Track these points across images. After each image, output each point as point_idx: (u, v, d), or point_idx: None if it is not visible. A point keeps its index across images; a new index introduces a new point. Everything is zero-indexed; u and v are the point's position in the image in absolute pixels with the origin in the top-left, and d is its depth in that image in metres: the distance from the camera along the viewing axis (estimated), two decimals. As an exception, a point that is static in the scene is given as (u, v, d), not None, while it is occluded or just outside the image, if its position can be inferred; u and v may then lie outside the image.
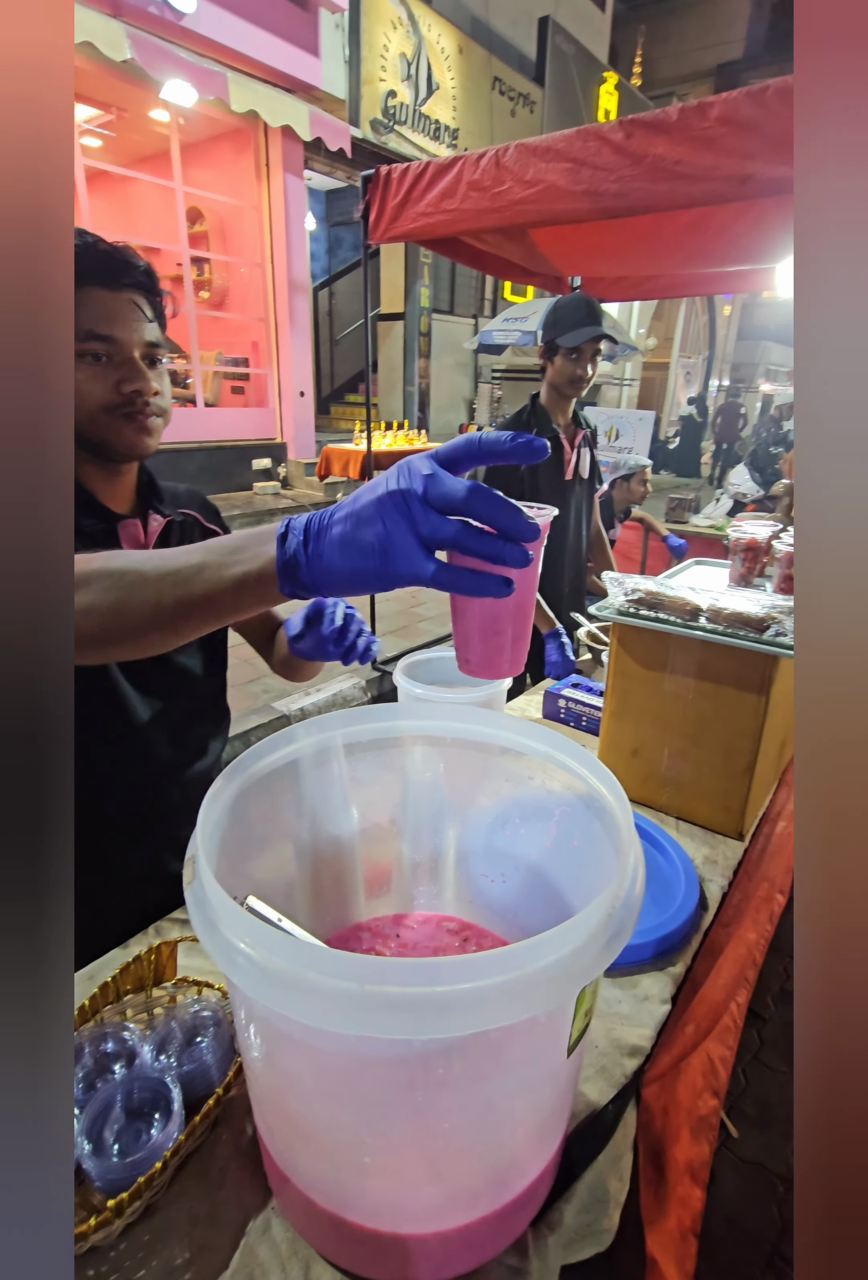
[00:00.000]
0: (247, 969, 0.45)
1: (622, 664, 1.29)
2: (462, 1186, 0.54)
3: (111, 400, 0.81)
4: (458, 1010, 0.42)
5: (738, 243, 2.80)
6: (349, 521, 0.44)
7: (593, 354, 1.95)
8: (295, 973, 0.43)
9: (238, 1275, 0.60)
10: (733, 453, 11.26)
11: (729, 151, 1.76)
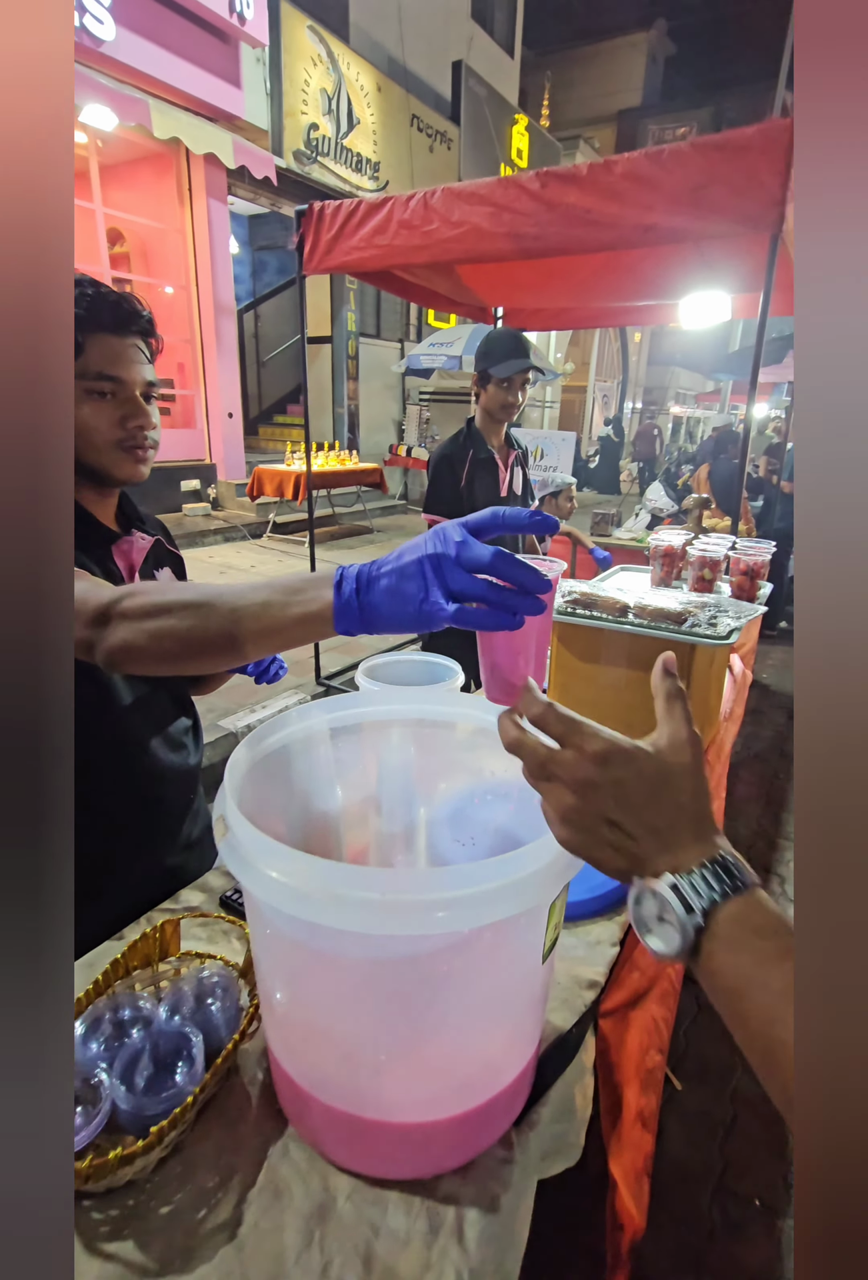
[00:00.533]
0: (283, 893, 0.55)
1: (562, 659, 1.44)
2: (461, 1076, 0.65)
3: (115, 434, 0.89)
4: (465, 907, 0.53)
5: (645, 281, 3.08)
6: (394, 576, 0.54)
7: (522, 383, 2.13)
8: (326, 890, 0.53)
9: (264, 1191, 0.68)
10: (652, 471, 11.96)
11: (633, 204, 1.99)
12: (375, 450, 9.39)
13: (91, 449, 0.89)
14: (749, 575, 1.61)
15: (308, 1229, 0.65)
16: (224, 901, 1.05)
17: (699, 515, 2.35)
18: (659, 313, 3.88)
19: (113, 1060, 0.71)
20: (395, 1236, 0.64)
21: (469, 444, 2.23)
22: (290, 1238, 0.64)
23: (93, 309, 0.85)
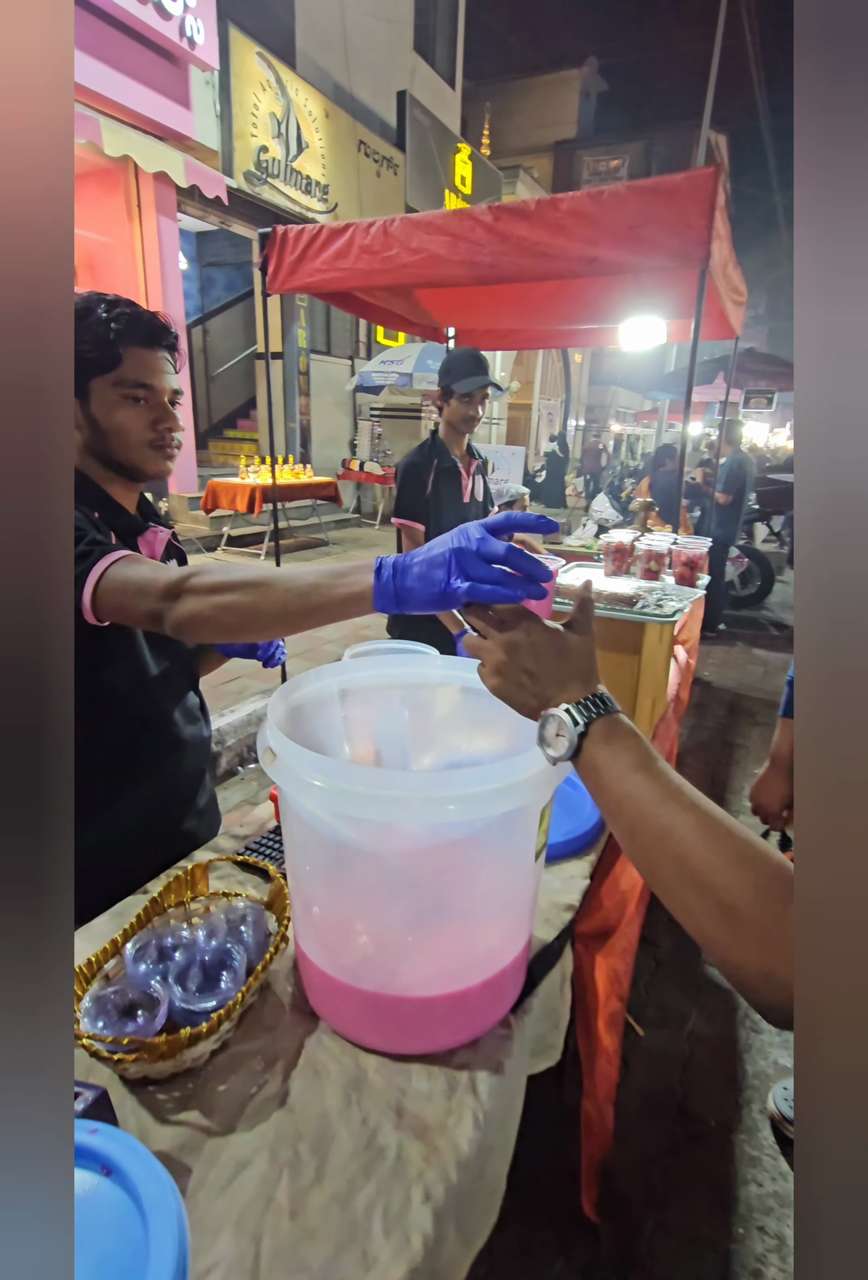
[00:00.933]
0: (330, 797, 0.67)
1: (528, 641, 1.60)
2: (472, 956, 0.79)
3: (148, 435, 1.01)
4: (497, 797, 0.67)
5: (588, 307, 3.33)
6: (425, 564, 0.66)
7: (482, 398, 2.30)
8: (365, 789, 0.67)
9: (305, 1071, 0.80)
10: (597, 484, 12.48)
11: (577, 238, 2.21)
12: (328, 464, 9.50)
13: (125, 448, 1.00)
14: (690, 566, 1.81)
15: (346, 1095, 0.77)
16: (236, 861, 1.15)
17: (645, 517, 2.61)
18: (601, 336, 4.16)
19: (165, 975, 0.82)
20: (420, 1094, 0.77)
21: (434, 454, 2.38)
22: (332, 1102, 0.76)
23: (130, 325, 0.97)
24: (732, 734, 4.06)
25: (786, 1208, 1.50)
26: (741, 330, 3.69)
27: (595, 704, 0.60)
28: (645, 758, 0.57)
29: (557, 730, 0.61)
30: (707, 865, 0.51)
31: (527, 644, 0.63)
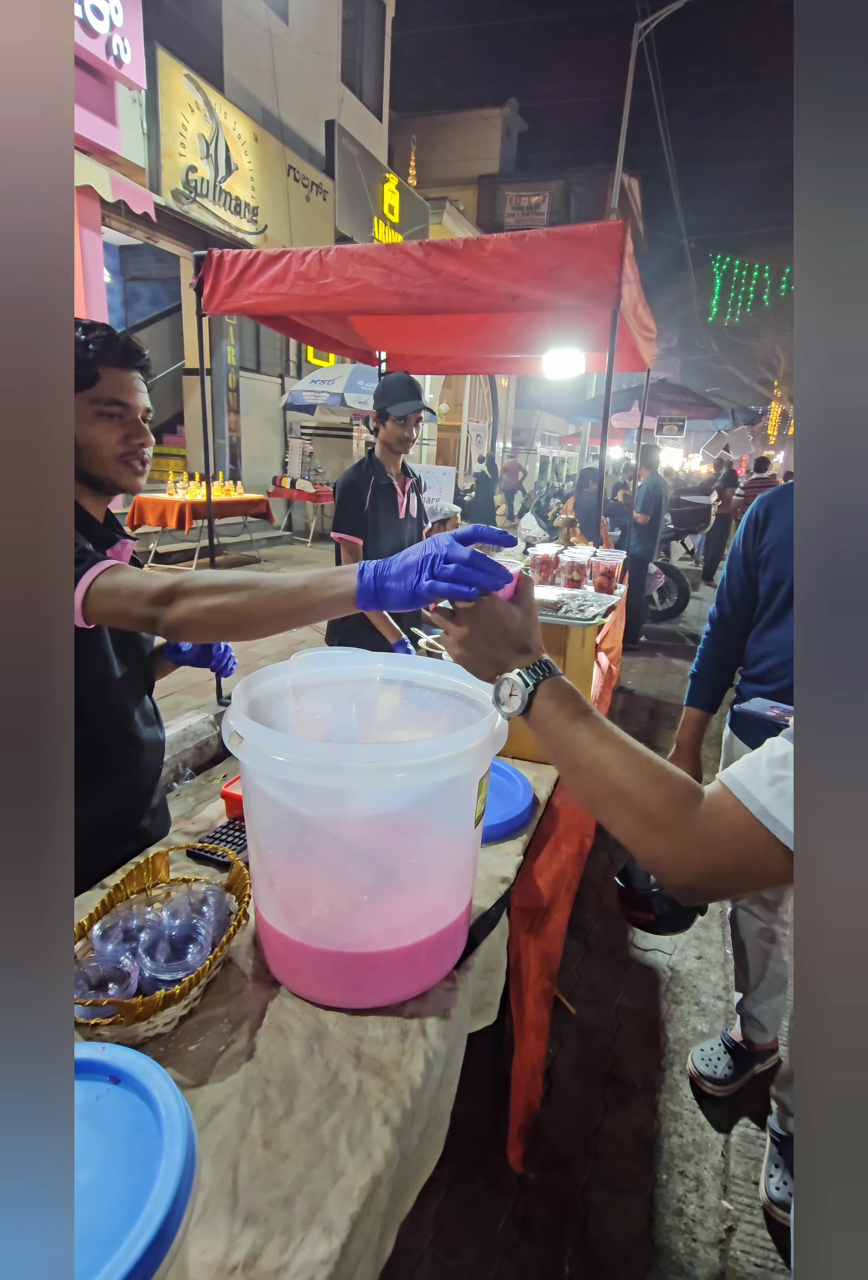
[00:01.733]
0: (292, 770, 0.76)
1: (463, 645, 1.72)
2: (422, 910, 0.89)
3: (119, 450, 1.07)
4: (440, 766, 0.78)
5: (513, 337, 3.55)
6: (401, 567, 0.77)
7: (416, 420, 2.44)
8: (328, 764, 0.76)
9: (269, 1029, 0.87)
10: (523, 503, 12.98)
11: (502, 276, 2.39)
12: (258, 482, 9.44)
13: (99, 462, 1.06)
14: (607, 576, 1.99)
15: (309, 1045, 0.85)
16: (191, 852, 1.21)
17: (568, 533, 2.82)
18: (525, 364, 4.41)
19: (134, 951, 0.88)
20: (376, 1040, 0.86)
21: (371, 471, 2.50)
22: (296, 1052, 0.84)
23: (106, 346, 1.04)
24: (654, 738, 4.33)
25: (703, 1153, 1.65)
26: (651, 363, 4.01)
27: (542, 668, 0.74)
28: (583, 708, 0.71)
29: (511, 691, 0.74)
30: (629, 784, 0.65)
31: (485, 618, 0.76)
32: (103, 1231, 0.44)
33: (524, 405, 20.86)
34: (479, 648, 0.76)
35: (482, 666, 0.77)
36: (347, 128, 10.17)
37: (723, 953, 2.33)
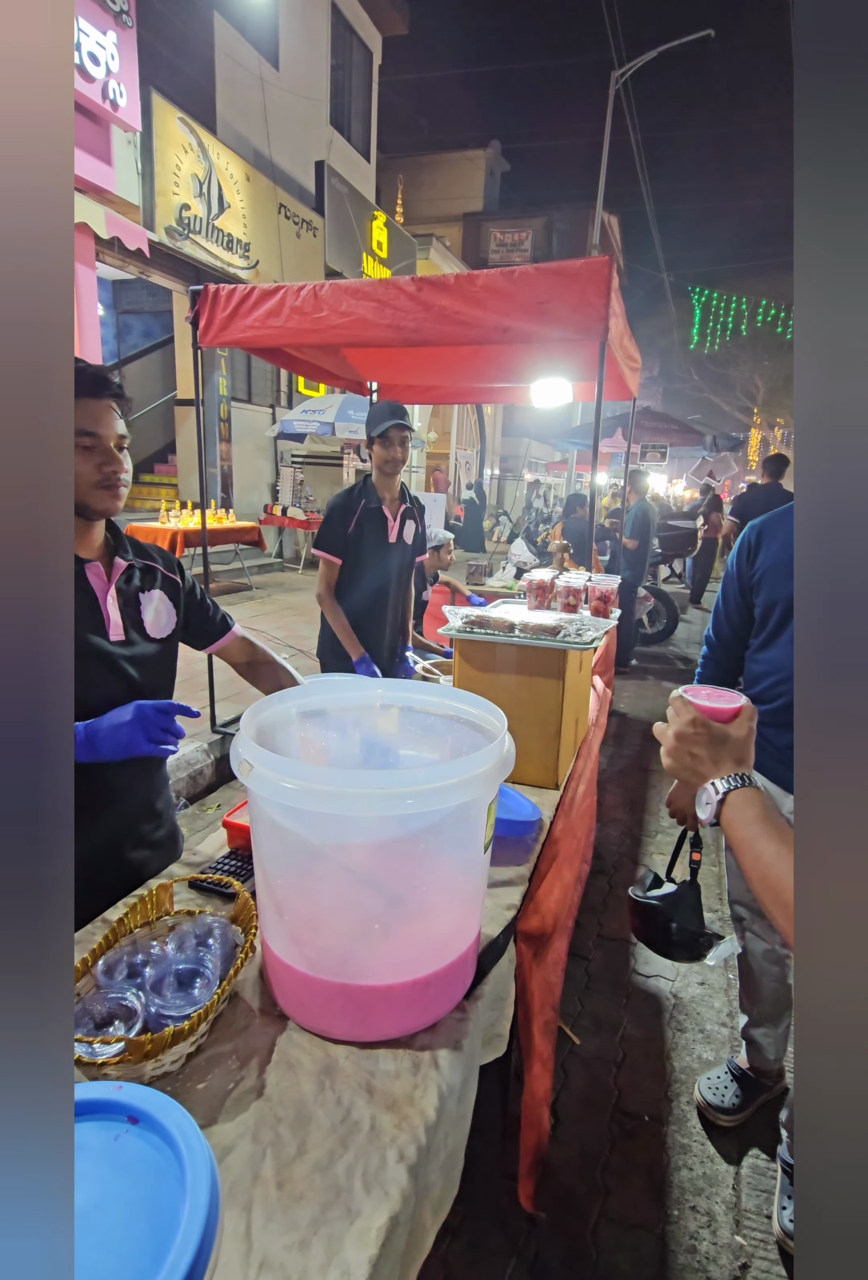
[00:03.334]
0: (303, 796, 0.76)
1: (464, 670, 1.73)
2: (432, 938, 0.88)
3: (95, 476, 1.08)
4: (446, 792, 0.78)
5: (503, 368, 3.62)
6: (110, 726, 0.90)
7: (400, 440, 2.47)
8: (338, 790, 0.76)
9: (279, 1065, 0.85)
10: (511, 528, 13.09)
11: (492, 310, 2.44)
12: (250, 510, 9.47)
13: (76, 490, 1.08)
14: (603, 600, 2.01)
15: (319, 1081, 0.83)
16: (193, 884, 1.19)
17: (561, 558, 2.84)
18: (514, 394, 4.48)
19: (140, 986, 0.86)
20: (388, 1074, 0.85)
21: (362, 496, 2.54)
22: (307, 1088, 0.82)
23: (77, 378, 1.05)
24: (647, 760, 4.33)
25: (714, 1187, 1.62)
26: (637, 392, 4.09)
27: (738, 780, 0.77)
28: (762, 813, 0.73)
29: (706, 799, 0.79)
30: (775, 875, 0.66)
31: (692, 735, 0.81)
32: (126, 1278, 0.42)
33: (511, 433, 21.15)
34: (684, 759, 0.82)
35: (686, 775, 0.82)
36: (335, 168, 10.42)
37: (726, 978, 2.31)
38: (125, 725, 1.05)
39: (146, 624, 1.26)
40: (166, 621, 1.30)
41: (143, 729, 1.05)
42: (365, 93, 12.47)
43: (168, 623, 1.31)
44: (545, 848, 1.52)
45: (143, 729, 1.05)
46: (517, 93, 44.91)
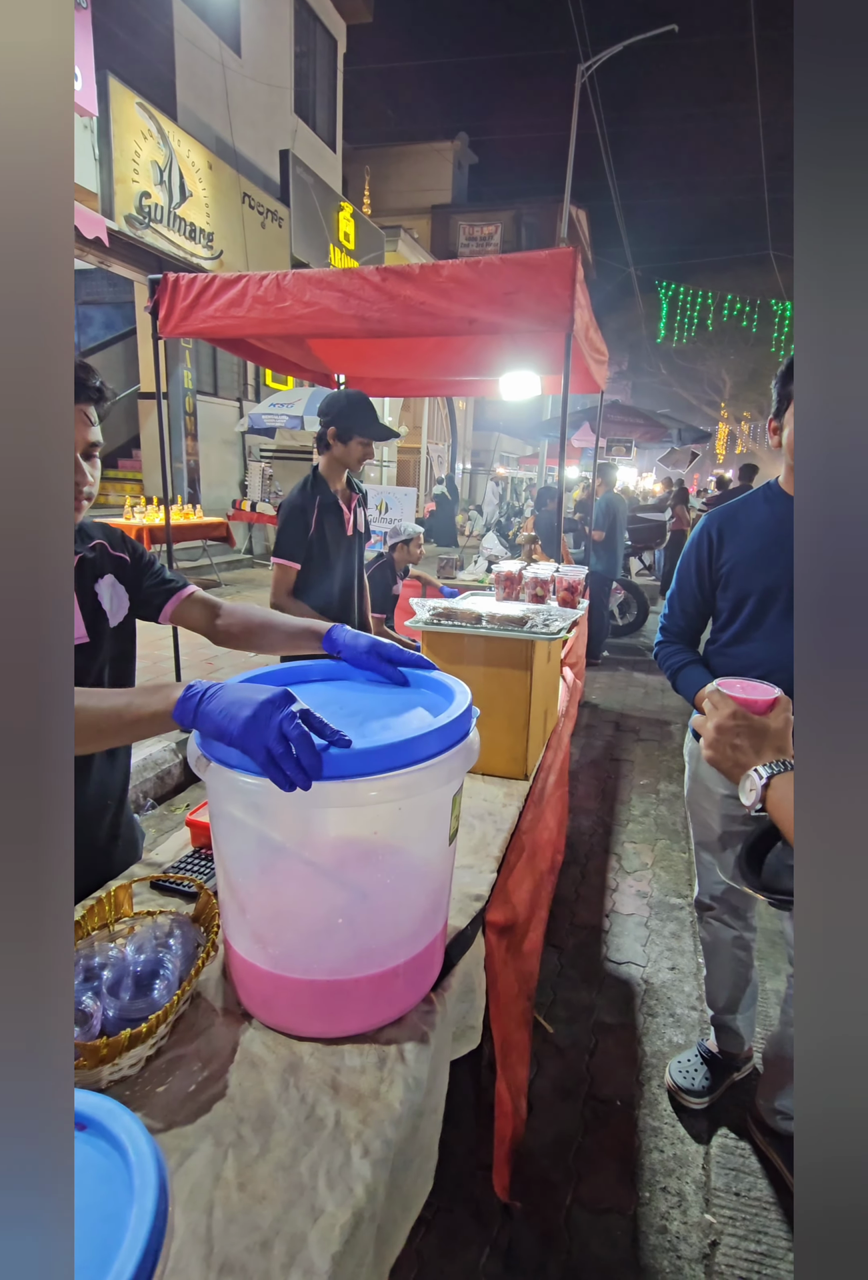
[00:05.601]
0: (267, 791, 0.74)
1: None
2: (397, 931, 0.87)
3: None
4: (413, 784, 0.76)
5: (470, 360, 3.61)
6: (230, 703, 0.76)
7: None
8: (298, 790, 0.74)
9: (242, 1064, 0.84)
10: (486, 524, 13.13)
11: (458, 301, 2.43)
12: (218, 505, 9.33)
13: None
14: (570, 591, 2.02)
15: (284, 1079, 0.82)
16: (155, 884, 1.16)
17: (530, 549, 2.86)
18: (483, 386, 4.48)
19: (98, 990, 0.83)
20: (354, 1069, 0.84)
21: (316, 491, 2.42)
22: (271, 1087, 0.81)
23: None
24: (618, 750, 4.38)
25: (684, 1168, 1.65)
26: (604, 385, 4.12)
27: (779, 765, 0.79)
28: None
29: (750, 786, 0.80)
30: None
31: (732, 728, 0.83)
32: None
33: (482, 427, 21.20)
34: (725, 750, 0.84)
35: (728, 766, 0.84)
36: (301, 157, 10.29)
37: (695, 962, 2.35)
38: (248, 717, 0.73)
39: (109, 614, 1.21)
40: (119, 605, 1.24)
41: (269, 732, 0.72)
42: (330, 81, 12.33)
43: (121, 606, 1.24)
44: (515, 838, 1.52)
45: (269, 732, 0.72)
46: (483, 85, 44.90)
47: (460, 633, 1.66)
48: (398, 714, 0.93)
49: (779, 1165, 1.63)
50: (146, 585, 1.29)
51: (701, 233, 39.15)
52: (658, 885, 2.85)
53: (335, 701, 0.97)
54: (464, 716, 0.88)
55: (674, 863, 3.04)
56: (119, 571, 1.25)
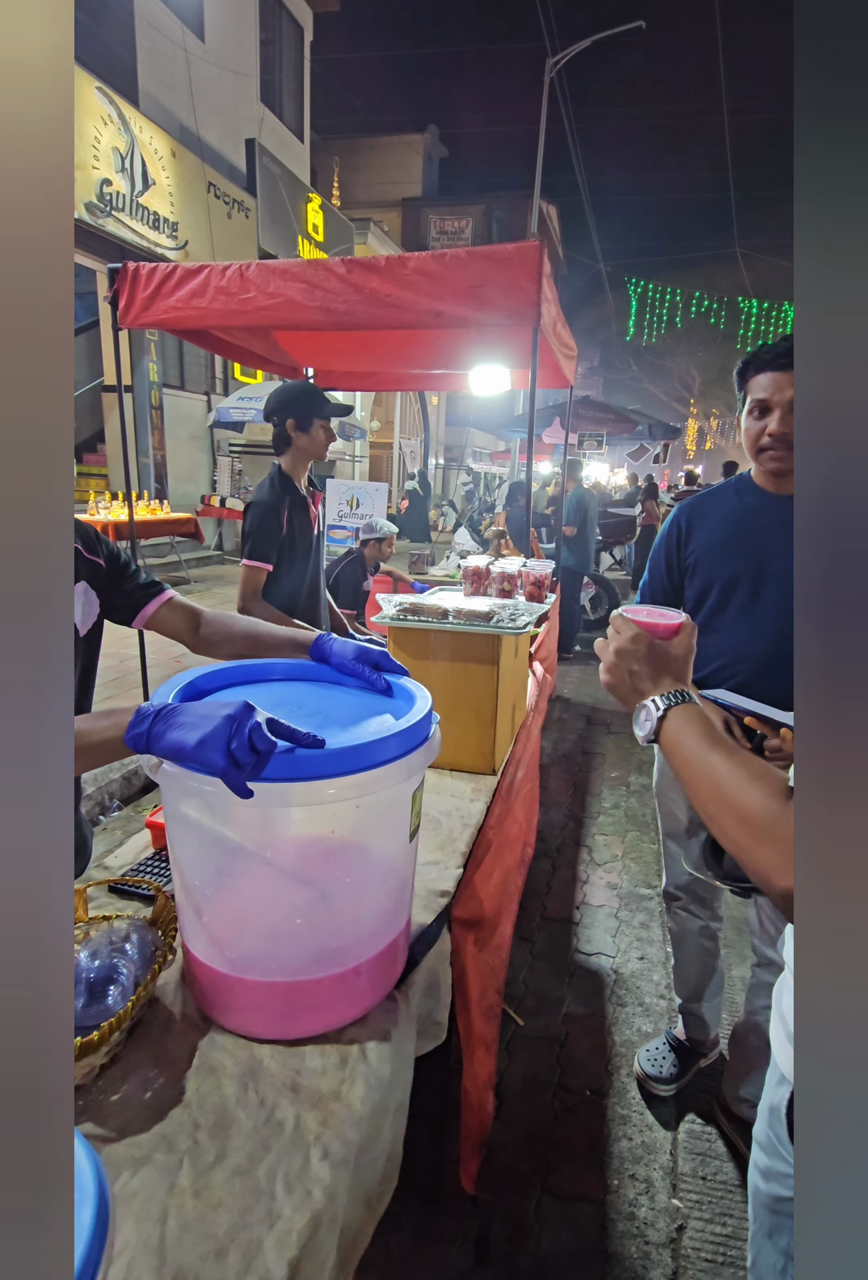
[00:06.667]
0: (226, 792, 0.73)
1: (398, 658, 1.70)
2: (358, 931, 0.86)
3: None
4: (372, 781, 0.75)
5: (439, 354, 3.59)
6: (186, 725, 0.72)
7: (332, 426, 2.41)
8: (256, 784, 0.73)
9: (200, 1070, 0.82)
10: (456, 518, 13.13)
11: (425, 294, 2.41)
12: (186, 501, 9.18)
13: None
14: (537, 585, 2.03)
15: (243, 1083, 0.80)
16: (113, 888, 1.14)
17: (498, 544, 2.86)
18: (452, 380, 4.46)
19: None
20: (315, 1070, 0.83)
21: (284, 490, 2.35)
22: (230, 1091, 0.79)
23: None
24: (590, 744, 4.42)
25: (652, 1154, 1.67)
26: (574, 380, 4.14)
27: (676, 696, 0.77)
28: (704, 728, 0.73)
29: (645, 717, 0.78)
30: (730, 787, 0.66)
31: (632, 651, 0.81)
32: (0, 1318, 0.39)
33: (455, 422, 21.18)
34: (623, 675, 0.82)
35: (624, 692, 0.82)
36: (267, 147, 10.14)
37: (664, 951, 2.39)
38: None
39: (78, 623, 1.16)
40: (89, 613, 1.17)
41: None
42: (297, 70, 12.16)
43: (90, 613, 1.17)
44: (482, 833, 1.52)
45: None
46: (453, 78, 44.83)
47: (427, 628, 1.65)
48: (358, 715, 0.92)
49: (744, 1150, 1.66)
50: (122, 589, 1.22)
51: (669, 230, 39.62)
52: (628, 876, 2.88)
53: (294, 701, 0.95)
54: (425, 720, 0.87)
55: (644, 854, 3.08)
56: (93, 578, 1.17)
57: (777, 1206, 0.83)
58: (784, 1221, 0.81)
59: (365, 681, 1.02)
